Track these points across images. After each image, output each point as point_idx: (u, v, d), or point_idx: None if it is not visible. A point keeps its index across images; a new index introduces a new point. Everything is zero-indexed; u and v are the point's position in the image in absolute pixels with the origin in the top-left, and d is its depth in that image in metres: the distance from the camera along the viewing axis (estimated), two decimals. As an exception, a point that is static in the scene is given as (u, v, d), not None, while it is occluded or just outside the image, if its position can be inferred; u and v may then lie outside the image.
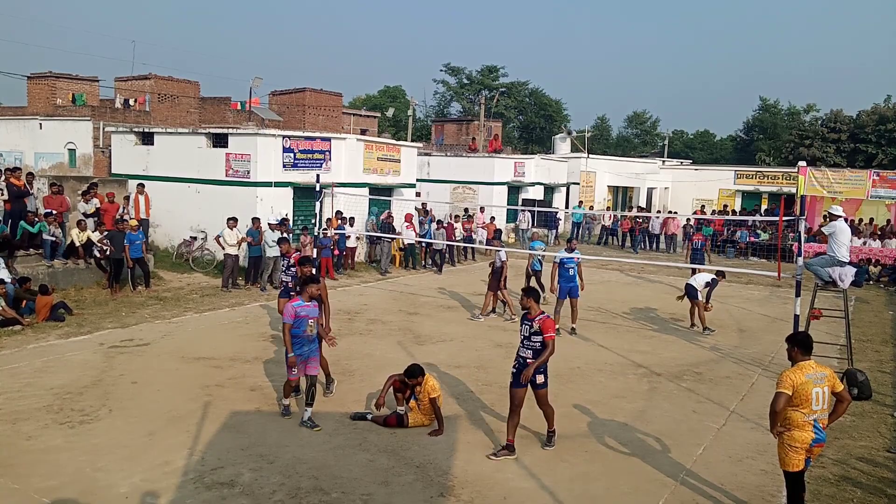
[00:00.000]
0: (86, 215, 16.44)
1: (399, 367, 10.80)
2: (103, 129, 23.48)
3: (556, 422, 7.68)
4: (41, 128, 25.47)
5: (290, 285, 10.58)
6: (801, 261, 10.94)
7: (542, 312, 7.67)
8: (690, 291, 14.11)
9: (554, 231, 29.71)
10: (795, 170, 27.45)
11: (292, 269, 10.59)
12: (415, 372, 8.25)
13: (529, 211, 27.07)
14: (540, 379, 7.56)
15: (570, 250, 13.78)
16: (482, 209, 26.20)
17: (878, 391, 10.17)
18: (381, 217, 21.10)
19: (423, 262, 21.95)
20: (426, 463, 7.26)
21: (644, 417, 9.00)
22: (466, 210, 25.64)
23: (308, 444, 7.78)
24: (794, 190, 28.26)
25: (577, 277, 13.55)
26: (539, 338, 7.49)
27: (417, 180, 25.33)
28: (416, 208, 22.83)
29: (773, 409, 5.85)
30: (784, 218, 13.19)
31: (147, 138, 20.56)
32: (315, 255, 17.31)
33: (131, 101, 30.24)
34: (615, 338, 13.38)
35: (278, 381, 9.91)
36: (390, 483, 6.93)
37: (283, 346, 8.15)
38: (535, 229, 22.56)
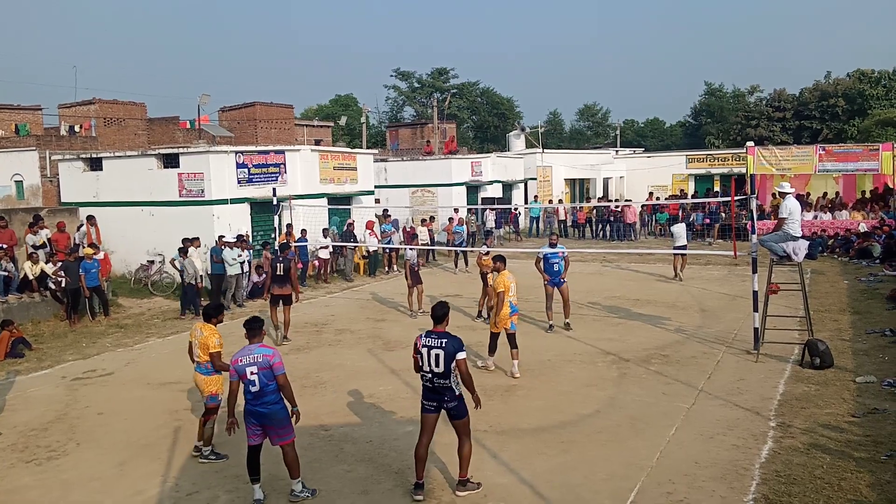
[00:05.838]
0: (35, 247, 16.02)
1: (370, 374, 10.83)
2: (50, 157, 22.92)
3: (532, 414, 7.70)
4: (-16, 161, 24.73)
5: None
6: (755, 238, 11.23)
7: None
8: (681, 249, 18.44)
9: (500, 229, 29.24)
10: (744, 150, 28.01)
11: None
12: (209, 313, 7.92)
13: (490, 209, 27.16)
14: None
15: (553, 245, 13.36)
16: (456, 210, 26.10)
17: (838, 359, 10.46)
18: (345, 227, 21.03)
19: (385, 268, 21.89)
20: (404, 468, 7.25)
21: (616, 403, 9.12)
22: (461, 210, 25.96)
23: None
24: (744, 170, 28.83)
25: (564, 271, 13.34)
26: None
27: (375, 187, 25.28)
28: (376, 215, 22.75)
29: (499, 302, 10.30)
30: (736, 198, 13.47)
31: (95, 164, 20.13)
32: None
33: (77, 128, 29.57)
34: (582, 327, 13.53)
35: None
36: (370, 491, 6.90)
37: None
38: (461, 216, 24.27)
